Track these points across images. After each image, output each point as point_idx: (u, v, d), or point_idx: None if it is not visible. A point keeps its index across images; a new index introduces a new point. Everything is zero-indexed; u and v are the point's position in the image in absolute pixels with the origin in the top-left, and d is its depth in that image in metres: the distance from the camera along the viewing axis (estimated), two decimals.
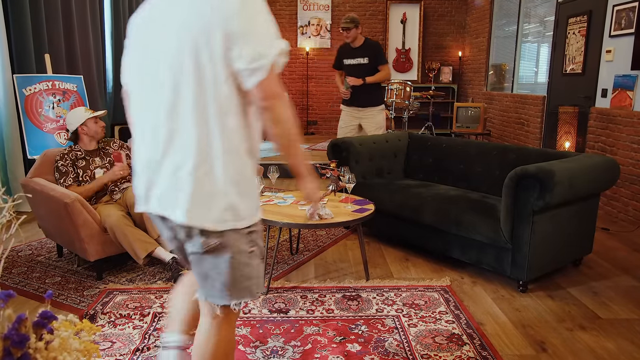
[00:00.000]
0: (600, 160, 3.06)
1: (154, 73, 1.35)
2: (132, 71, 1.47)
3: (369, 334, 2.35)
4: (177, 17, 1.30)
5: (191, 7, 1.28)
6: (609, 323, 2.51)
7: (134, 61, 1.45)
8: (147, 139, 1.39)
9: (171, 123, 1.33)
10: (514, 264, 2.80)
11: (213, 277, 1.41)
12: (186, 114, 1.31)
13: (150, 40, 1.38)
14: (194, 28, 1.26)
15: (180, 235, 1.41)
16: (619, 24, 4.40)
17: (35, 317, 1.22)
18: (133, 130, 1.48)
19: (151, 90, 1.36)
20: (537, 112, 5.94)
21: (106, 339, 2.28)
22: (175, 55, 1.30)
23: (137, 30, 1.43)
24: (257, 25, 1.28)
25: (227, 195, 1.34)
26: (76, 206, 2.81)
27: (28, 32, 4.51)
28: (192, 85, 1.29)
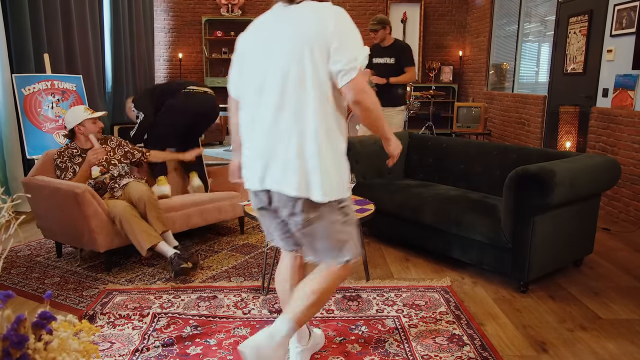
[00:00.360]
0: (601, 160, 3.06)
1: (266, 78, 1.68)
2: (245, 80, 1.77)
3: (369, 334, 2.35)
4: (290, 33, 1.65)
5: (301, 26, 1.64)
6: (609, 323, 2.51)
7: (248, 71, 1.76)
8: (261, 132, 1.69)
9: (282, 117, 1.65)
10: (514, 265, 2.80)
11: (317, 243, 1.75)
12: (291, 111, 1.63)
13: (263, 52, 1.71)
14: (301, 44, 1.61)
15: (287, 210, 1.70)
16: (620, 24, 4.40)
17: (34, 318, 1.22)
18: (243, 128, 1.79)
19: (265, 92, 1.68)
20: (537, 112, 5.94)
21: (105, 340, 2.28)
22: (284, 64, 1.63)
23: (249, 45, 1.78)
24: (348, 38, 1.62)
25: (328, 173, 1.65)
26: (86, 196, 2.87)
27: (27, 32, 4.51)
28: (297, 87, 1.62)
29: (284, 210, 1.72)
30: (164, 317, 2.49)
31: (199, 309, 2.58)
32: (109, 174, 3.28)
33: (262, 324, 2.43)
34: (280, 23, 1.71)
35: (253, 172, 1.75)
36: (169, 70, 9.17)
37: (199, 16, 8.96)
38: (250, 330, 2.37)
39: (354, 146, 3.79)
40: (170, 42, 9.08)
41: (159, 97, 3.72)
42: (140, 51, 7.54)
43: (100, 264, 3.21)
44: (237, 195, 3.73)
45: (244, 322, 2.45)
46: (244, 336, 2.31)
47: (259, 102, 1.71)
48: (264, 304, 2.66)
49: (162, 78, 9.16)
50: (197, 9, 8.99)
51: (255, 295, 2.76)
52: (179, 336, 2.32)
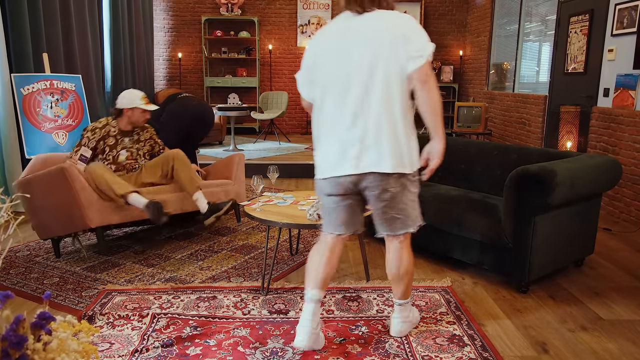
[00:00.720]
0: (602, 160, 3.06)
1: (351, 79, 1.96)
2: (324, 82, 2.03)
3: (370, 335, 2.35)
4: (374, 31, 1.94)
5: (380, 27, 1.94)
6: (610, 324, 2.51)
7: (327, 74, 2.02)
8: (352, 125, 1.97)
9: (372, 111, 1.94)
10: (515, 265, 2.80)
11: (397, 213, 2.07)
12: (376, 101, 1.93)
13: (342, 56, 1.98)
14: (382, 37, 1.92)
15: (380, 187, 2.00)
16: (621, 23, 4.40)
17: (33, 318, 1.22)
18: (327, 124, 2.04)
19: (351, 91, 1.96)
20: (538, 112, 5.94)
21: (105, 340, 2.28)
22: (369, 63, 1.92)
23: (324, 51, 2.04)
24: (417, 34, 1.93)
25: (411, 150, 2.00)
26: (73, 170, 3.01)
27: (26, 32, 4.51)
28: (381, 81, 1.92)
29: (376, 189, 2.02)
30: (164, 318, 2.49)
31: (198, 310, 2.58)
32: (132, 160, 3.44)
33: (262, 325, 2.43)
34: (356, 29, 1.98)
35: (345, 160, 2.00)
36: (169, 70, 9.17)
37: (198, 15, 8.96)
38: (249, 330, 2.37)
39: None
40: (170, 42, 9.08)
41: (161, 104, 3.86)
42: (139, 51, 7.55)
43: (99, 264, 3.21)
44: (229, 183, 3.76)
45: (244, 323, 2.45)
46: (244, 337, 2.32)
47: (345, 100, 1.98)
48: (264, 304, 2.66)
49: (162, 78, 9.16)
50: (196, 9, 8.99)
51: (255, 295, 2.76)
52: (179, 337, 2.32)
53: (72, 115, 4.64)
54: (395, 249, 2.21)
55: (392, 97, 1.94)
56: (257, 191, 3.02)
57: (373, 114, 1.94)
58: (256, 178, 2.96)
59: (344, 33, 2.01)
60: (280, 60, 9.23)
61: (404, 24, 1.94)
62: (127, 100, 3.32)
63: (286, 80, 9.30)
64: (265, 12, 9.06)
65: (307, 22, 9.11)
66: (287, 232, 3.64)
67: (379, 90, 1.93)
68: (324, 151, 2.06)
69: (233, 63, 9.20)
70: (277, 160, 6.35)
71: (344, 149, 1.99)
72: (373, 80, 1.93)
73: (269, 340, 2.29)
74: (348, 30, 2.00)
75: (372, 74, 1.93)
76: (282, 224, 2.69)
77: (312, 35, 9.12)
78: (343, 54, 1.98)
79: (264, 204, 3.00)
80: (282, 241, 3.69)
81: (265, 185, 3.01)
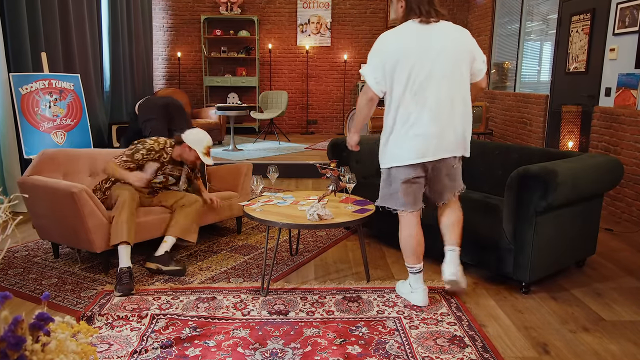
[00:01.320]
0: (603, 160, 3.06)
1: (432, 77, 2.37)
2: (404, 79, 2.38)
3: (370, 336, 2.35)
4: (446, 41, 2.40)
5: (451, 38, 2.42)
6: (612, 325, 2.51)
7: (407, 72, 2.37)
8: (436, 117, 2.39)
9: (452, 105, 2.42)
10: (516, 265, 2.80)
11: (455, 182, 2.66)
12: (456, 99, 2.43)
13: (422, 57, 2.36)
14: (456, 47, 2.42)
15: (449, 167, 2.57)
16: (623, 22, 4.40)
17: (32, 319, 1.22)
18: (407, 117, 2.42)
19: (431, 87, 2.37)
20: (539, 111, 5.94)
21: (103, 341, 2.28)
22: (450, 65, 2.39)
23: (401, 52, 2.37)
24: (479, 48, 2.54)
25: (468, 139, 2.56)
26: (83, 196, 2.87)
27: (24, 31, 4.51)
28: (457, 78, 2.43)
29: (446, 168, 2.55)
30: (163, 319, 2.49)
31: (197, 310, 2.58)
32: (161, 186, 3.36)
33: (262, 326, 2.43)
34: (431, 36, 2.38)
35: (426, 147, 2.42)
36: (168, 69, 9.17)
37: (197, 15, 8.96)
38: (249, 331, 2.37)
39: None
40: (169, 41, 9.08)
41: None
42: (138, 50, 7.55)
43: (98, 264, 3.21)
44: (235, 195, 3.73)
45: (243, 324, 2.45)
46: (243, 337, 2.32)
47: (426, 95, 2.37)
48: (264, 305, 2.66)
49: (161, 77, 9.16)
50: (196, 8, 8.99)
51: (254, 296, 2.76)
52: (178, 337, 2.32)
53: (71, 115, 4.64)
54: (451, 202, 2.72)
55: (467, 96, 2.48)
56: (256, 191, 3.02)
57: (455, 109, 2.43)
58: (256, 178, 2.96)
59: (425, 39, 2.38)
60: (280, 59, 9.23)
61: (471, 39, 2.50)
62: (193, 139, 3.21)
63: (286, 80, 9.30)
64: (265, 11, 9.07)
65: (307, 21, 9.11)
66: (286, 232, 3.64)
67: (459, 90, 2.43)
68: (411, 140, 2.43)
69: (232, 62, 9.20)
70: (276, 160, 6.35)
71: (427, 138, 2.41)
72: (455, 81, 2.41)
73: (269, 341, 2.29)
74: (428, 36, 2.38)
75: (454, 75, 2.40)
76: (282, 224, 2.69)
77: (311, 35, 9.12)
78: (427, 57, 2.36)
79: (264, 204, 3.00)
80: (281, 242, 3.69)
81: (265, 185, 3.01)
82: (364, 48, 9.23)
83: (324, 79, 9.34)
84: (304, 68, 9.25)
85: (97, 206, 2.95)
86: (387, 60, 2.40)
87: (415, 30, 2.40)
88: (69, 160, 3.40)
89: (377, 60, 2.43)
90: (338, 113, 9.39)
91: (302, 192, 3.40)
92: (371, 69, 2.45)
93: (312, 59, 9.24)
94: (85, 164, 3.48)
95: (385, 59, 2.41)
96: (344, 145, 3.79)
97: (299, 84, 9.33)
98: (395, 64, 2.38)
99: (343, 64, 9.24)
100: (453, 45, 2.40)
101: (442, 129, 2.42)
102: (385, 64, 2.41)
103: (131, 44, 7.24)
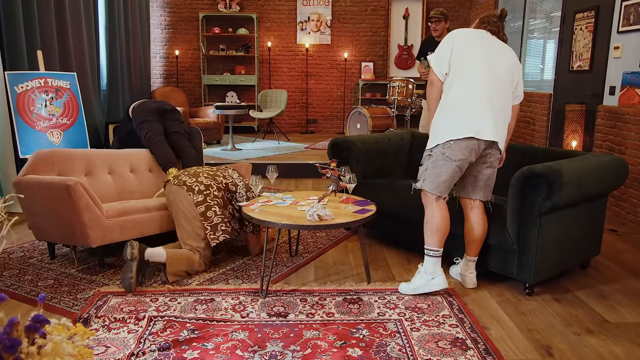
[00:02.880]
0: (608, 160, 3.06)
1: (492, 75, 2.66)
2: (466, 69, 2.66)
3: (371, 338, 2.35)
4: (502, 58, 2.73)
5: (507, 57, 2.74)
6: (617, 327, 2.51)
7: (471, 64, 2.67)
8: (490, 107, 2.64)
9: (498, 103, 2.68)
10: (520, 267, 2.80)
11: (492, 177, 2.84)
12: (503, 100, 2.71)
13: (486, 58, 2.68)
14: (509, 67, 2.73)
15: (492, 153, 2.74)
16: (628, 20, 4.40)
17: (28, 321, 1.22)
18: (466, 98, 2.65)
19: (489, 83, 2.65)
20: (543, 110, 5.94)
21: (100, 344, 2.28)
22: (502, 77, 2.70)
23: (468, 47, 2.70)
24: (522, 79, 2.84)
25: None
26: (78, 189, 2.89)
27: (20, 28, 4.51)
28: (506, 89, 2.72)
29: (490, 151, 2.72)
30: (160, 321, 2.49)
31: (196, 312, 2.58)
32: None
33: (261, 328, 2.43)
34: (494, 46, 2.73)
35: (486, 127, 2.63)
36: (166, 68, 9.17)
37: (196, 12, 8.97)
38: (248, 334, 2.37)
39: (355, 145, 3.79)
40: (167, 39, 9.09)
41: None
42: (136, 48, 7.54)
43: (94, 265, 3.21)
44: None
45: (242, 326, 2.45)
46: (242, 340, 2.32)
47: (484, 87, 2.64)
48: (263, 307, 2.65)
49: (159, 76, 9.16)
50: (194, 5, 8.99)
51: (253, 298, 2.76)
52: (176, 340, 2.32)
53: (67, 114, 4.64)
54: (480, 212, 2.84)
55: (507, 103, 2.74)
56: (255, 191, 3.02)
57: (502, 105, 2.70)
58: (255, 178, 2.96)
59: (485, 44, 2.71)
60: (279, 57, 9.23)
61: (519, 66, 2.82)
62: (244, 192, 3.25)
63: (285, 78, 9.30)
64: (264, 9, 9.07)
65: (306, 19, 9.11)
66: (286, 233, 3.64)
67: (506, 93, 2.72)
68: (467, 117, 2.63)
69: (231, 60, 9.21)
70: (276, 159, 6.35)
71: (487, 119, 2.63)
72: (506, 86, 2.71)
73: (268, 343, 2.29)
74: (489, 44, 2.72)
75: (506, 82, 2.71)
76: (282, 225, 2.68)
77: (311, 33, 9.11)
78: (487, 59, 2.67)
79: (263, 204, 3.00)
80: (281, 242, 3.69)
81: (264, 185, 3.01)
82: (364, 46, 9.24)
83: (324, 77, 9.34)
84: (304, 66, 9.25)
85: (93, 200, 2.98)
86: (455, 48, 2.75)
87: (481, 36, 2.76)
88: (64, 160, 3.40)
89: (445, 49, 2.75)
90: (338, 112, 9.39)
91: (302, 192, 3.40)
92: (439, 55, 2.75)
93: (312, 57, 9.24)
94: (81, 164, 3.48)
95: (452, 47, 2.75)
96: (344, 145, 3.80)
97: (299, 83, 9.33)
98: (459, 54, 2.73)
99: (343, 62, 9.24)
100: (509, 61, 2.76)
101: (497, 118, 2.75)
102: (449, 52, 2.76)
103: (128, 42, 7.24)
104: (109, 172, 3.63)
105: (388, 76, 9.11)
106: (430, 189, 2.71)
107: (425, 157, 2.76)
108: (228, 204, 3.18)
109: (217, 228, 3.05)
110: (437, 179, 2.68)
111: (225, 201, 3.16)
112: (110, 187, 3.57)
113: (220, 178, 3.23)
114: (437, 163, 2.67)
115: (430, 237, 2.74)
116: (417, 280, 2.79)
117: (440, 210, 2.73)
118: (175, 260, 2.94)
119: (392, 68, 9.31)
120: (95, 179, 3.50)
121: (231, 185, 3.23)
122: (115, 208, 3.12)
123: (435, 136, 2.70)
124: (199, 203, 3.05)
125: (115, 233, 3.06)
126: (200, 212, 3.03)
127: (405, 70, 9.23)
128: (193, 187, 3.09)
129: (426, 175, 2.73)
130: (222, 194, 3.16)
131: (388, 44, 9.21)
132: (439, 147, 2.66)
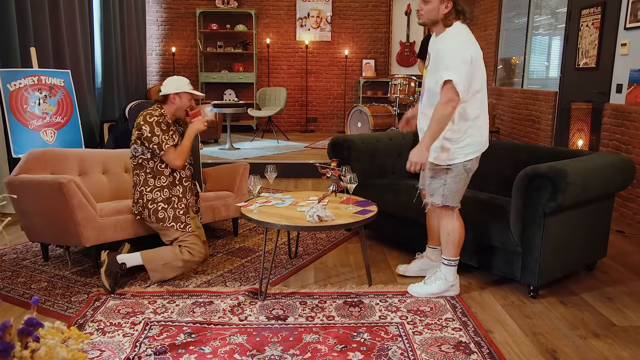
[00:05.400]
0: (615, 159, 3.06)
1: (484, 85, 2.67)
2: (480, 83, 2.61)
3: (372, 342, 2.35)
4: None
5: None
6: (624, 330, 2.51)
7: (482, 76, 2.63)
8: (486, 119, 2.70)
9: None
10: (524, 269, 2.80)
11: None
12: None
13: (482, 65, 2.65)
14: None
15: None
16: (635, 16, 4.40)
17: (21, 324, 1.22)
18: (479, 113, 2.65)
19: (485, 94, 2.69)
20: (548, 109, 5.94)
21: (95, 348, 2.28)
22: None
23: (481, 58, 2.62)
24: None
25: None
26: (72, 186, 2.90)
27: (13, 25, 4.51)
28: None
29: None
30: (157, 325, 2.49)
31: (193, 315, 2.58)
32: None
33: (260, 331, 2.43)
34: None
35: (486, 141, 2.70)
36: (162, 65, 9.17)
37: (193, 8, 8.97)
38: (246, 337, 2.37)
39: (356, 144, 3.79)
40: (163, 36, 9.09)
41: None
42: (131, 45, 7.55)
43: (89, 268, 3.21)
44: (231, 196, 3.73)
45: (241, 329, 2.45)
46: (240, 344, 2.32)
47: (484, 100, 2.66)
48: (262, 309, 2.66)
49: (155, 73, 9.16)
50: (191, 1, 9.00)
51: (252, 300, 2.76)
52: (172, 344, 2.32)
53: (61, 112, 4.65)
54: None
55: None
56: (254, 192, 3.02)
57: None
58: (253, 178, 2.96)
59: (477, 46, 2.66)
60: (278, 54, 9.24)
61: None
62: (173, 85, 3.06)
63: (285, 76, 9.31)
64: (262, 5, 9.07)
65: (306, 15, 9.11)
66: (285, 234, 3.64)
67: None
68: (481, 133, 2.67)
69: (229, 58, 9.21)
70: (275, 159, 6.35)
71: (486, 132, 2.70)
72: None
73: (267, 347, 2.30)
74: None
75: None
76: (281, 225, 2.69)
77: (311, 29, 9.12)
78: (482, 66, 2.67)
79: (262, 205, 3.00)
80: (280, 244, 3.69)
81: (263, 186, 3.01)
82: (365, 43, 9.24)
83: (324, 75, 9.34)
84: (304, 64, 9.26)
85: (87, 198, 2.98)
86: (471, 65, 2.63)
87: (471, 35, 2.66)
88: (57, 160, 3.41)
89: (468, 59, 2.60)
90: (339, 110, 9.40)
91: (302, 192, 3.40)
92: (464, 66, 2.55)
93: (311, 54, 9.24)
94: (74, 164, 3.48)
95: (472, 59, 2.64)
96: (345, 144, 3.80)
97: (298, 80, 9.34)
98: (474, 69, 2.63)
99: (344, 60, 9.24)
100: None
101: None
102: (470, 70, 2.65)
103: (124, 38, 7.24)
104: (103, 172, 3.63)
105: (390, 74, 9.12)
106: (454, 203, 2.74)
107: (440, 172, 2.69)
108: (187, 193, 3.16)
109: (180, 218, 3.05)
110: (457, 193, 2.72)
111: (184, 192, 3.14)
112: (105, 187, 3.57)
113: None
114: (459, 178, 2.68)
115: (452, 249, 2.78)
116: (438, 285, 2.83)
117: (460, 221, 2.78)
118: (152, 257, 2.96)
119: (394, 65, 9.32)
120: (89, 178, 3.50)
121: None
122: (110, 207, 3.13)
123: (456, 152, 2.64)
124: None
125: (109, 232, 3.07)
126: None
127: (407, 67, 9.24)
128: None
129: (446, 191, 2.71)
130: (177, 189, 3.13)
131: (389, 41, 9.21)
132: (461, 163, 2.65)
